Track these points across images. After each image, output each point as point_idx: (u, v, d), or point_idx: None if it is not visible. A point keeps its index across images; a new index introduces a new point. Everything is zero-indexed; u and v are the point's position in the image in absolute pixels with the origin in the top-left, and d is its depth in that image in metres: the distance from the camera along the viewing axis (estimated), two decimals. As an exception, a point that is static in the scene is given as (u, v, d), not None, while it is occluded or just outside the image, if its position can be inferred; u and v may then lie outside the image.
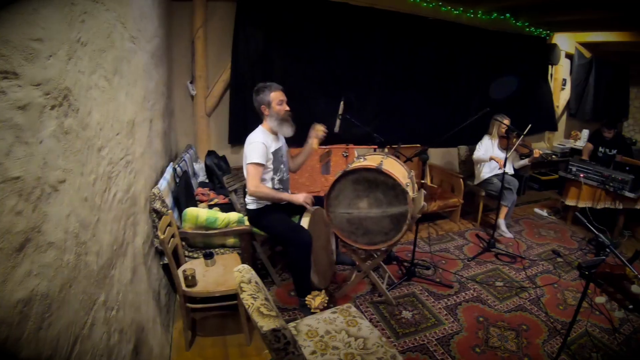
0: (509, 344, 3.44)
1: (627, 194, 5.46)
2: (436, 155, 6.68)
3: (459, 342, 3.39)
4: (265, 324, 1.81)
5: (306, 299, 3.27)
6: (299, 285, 3.49)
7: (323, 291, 3.33)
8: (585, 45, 8.17)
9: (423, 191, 3.58)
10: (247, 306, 1.93)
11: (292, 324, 2.57)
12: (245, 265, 2.24)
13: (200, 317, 3.36)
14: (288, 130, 3.49)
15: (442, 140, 4.42)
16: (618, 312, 1.42)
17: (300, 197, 3.48)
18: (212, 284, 2.98)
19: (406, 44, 5.81)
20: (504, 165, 4.89)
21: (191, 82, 4.76)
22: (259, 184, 3.37)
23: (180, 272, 3.00)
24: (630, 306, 1.34)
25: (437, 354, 3.23)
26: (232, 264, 3.20)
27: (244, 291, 2.02)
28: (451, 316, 3.73)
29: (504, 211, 5.49)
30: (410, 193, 3.22)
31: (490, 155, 5.41)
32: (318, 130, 3.68)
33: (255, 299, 1.98)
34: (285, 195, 3.52)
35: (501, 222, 5.52)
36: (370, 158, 3.40)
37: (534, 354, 3.34)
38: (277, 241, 3.90)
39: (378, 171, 3.11)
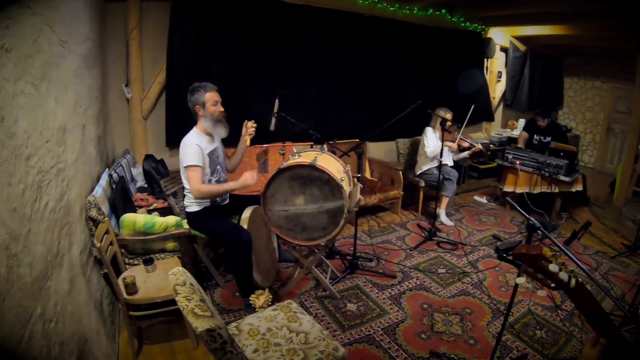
0: (454, 328, 3.54)
1: (562, 178, 5.72)
2: (376, 149, 6.73)
3: (405, 330, 3.46)
4: (200, 325, 1.81)
5: (250, 298, 3.28)
6: (242, 285, 3.47)
7: (267, 290, 3.34)
8: (520, 38, 8.47)
9: (359, 185, 3.63)
10: (181, 308, 1.92)
11: (233, 324, 2.56)
12: (180, 268, 2.22)
13: (146, 325, 3.27)
14: (222, 132, 3.47)
15: (376, 134, 4.47)
16: (541, 292, 1.47)
17: (247, 179, 3.42)
18: (153, 290, 2.93)
19: (343, 41, 5.84)
20: (441, 156, 5.02)
21: (126, 85, 4.65)
22: (201, 186, 3.33)
23: (120, 280, 2.92)
24: (553, 285, 1.39)
25: (383, 343, 3.28)
26: (173, 268, 3.16)
27: (179, 293, 2.00)
28: (396, 305, 3.79)
29: (444, 201, 5.63)
30: (346, 187, 3.25)
31: (445, 143, 5.48)
32: (249, 127, 3.67)
33: (190, 300, 1.96)
34: (230, 184, 3.48)
35: (441, 212, 5.67)
36: (305, 155, 3.42)
37: (479, 336, 3.45)
38: (217, 242, 3.87)
39: (312, 167, 3.12)
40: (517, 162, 6.01)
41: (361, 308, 3.72)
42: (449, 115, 5.37)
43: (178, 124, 4.68)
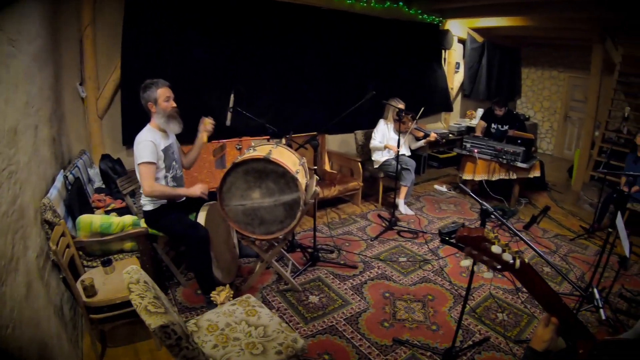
0: (416, 314, 3.59)
1: (520, 164, 5.85)
2: (335, 142, 6.74)
3: (367, 319, 3.49)
4: (153, 321, 1.80)
5: (211, 295, 3.24)
6: (202, 282, 3.45)
7: (227, 286, 3.31)
8: (478, 30, 8.59)
9: (315, 177, 3.64)
10: (135, 306, 1.90)
11: (192, 321, 2.55)
12: (134, 267, 2.19)
13: (109, 327, 3.23)
14: (176, 127, 3.42)
15: (332, 126, 4.50)
16: (487, 274, 1.48)
17: (197, 190, 3.43)
18: (112, 291, 2.88)
19: (300, 34, 5.84)
20: (399, 147, 5.07)
21: (81, 84, 4.55)
22: (153, 184, 3.28)
23: (78, 283, 2.86)
24: (499, 267, 1.40)
25: (346, 333, 3.30)
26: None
27: (132, 292, 1.99)
28: (357, 295, 3.82)
29: (403, 191, 5.70)
30: (302, 179, 3.26)
31: (385, 144, 5.62)
32: (207, 124, 3.65)
33: (143, 297, 1.95)
34: (182, 191, 3.46)
35: (400, 202, 5.72)
36: (260, 148, 3.40)
37: (442, 321, 3.52)
38: (175, 240, 3.83)
39: (266, 160, 3.11)
40: (475, 151, 6.13)
41: (323, 299, 3.74)
42: (401, 106, 5.41)
43: (134, 122, 4.55)
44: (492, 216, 2.61)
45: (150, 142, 3.25)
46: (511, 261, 1.36)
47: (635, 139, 5.83)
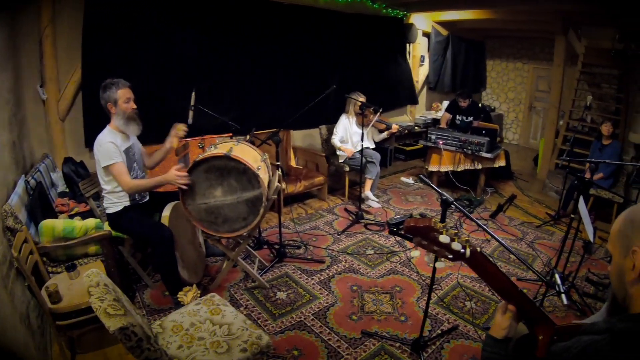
0: (384, 306, 3.62)
1: (484, 154, 5.95)
2: (300, 137, 6.73)
3: (335, 313, 3.51)
4: (112, 324, 1.79)
5: (178, 295, 3.23)
6: (169, 283, 3.42)
7: (194, 286, 3.30)
8: (442, 23, 8.69)
9: (278, 173, 3.63)
10: (95, 309, 1.88)
11: (157, 322, 2.53)
12: (94, 270, 2.16)
13: (78, 333, 3.16)
14: (135, 129, 3.37)
15: (296, 122, 4.49)
16: (439, 263, 1.49)
17: (171, 174, 3.27)
18: (78, 297, 2.83)
19: (263, 30, 5.79)
20: (362, 140, 5.11)
21: (41, 86, 4.45)
22: (129, 180, 3.25)
23: (43, 289, 2.81)
24: (450, 256, 1.40)
25: (315, 328, 3.31)
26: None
27: (92, 295, 1.96)
28: (325, 290, 3.84)
29: (368, 183, 5.74)
30: (264, 176, 3.25)
31: (340, 146, 5.71)
32: (179, 130, 3.61)
33: (103, 300, 1.92)
34: (159, 178, 3.36)
35: (368, 194, 5.75)
36: (221, 146, 3.37)
37: (410, 312, 3.56)
38: (140, 242, 3.78)
39: (227, 158, 3.09)
40: (440, 142, 6.21)
41: (291, 295, 3.74)
42: (361, 99, 5.45)
43: (96, 124, 4.44)
44: (453, 206, 2.64)
45: (111, 144, 3.21)
46: (461, 250, 1.36)
47: (600, 127, 5.98)
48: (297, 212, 5.62)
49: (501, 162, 6.40)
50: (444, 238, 1.34)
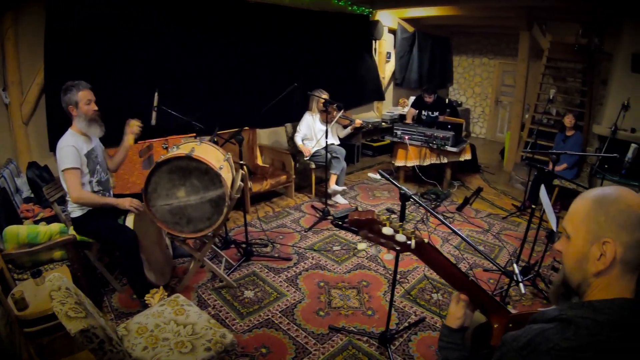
0: (351, 301, 3.66)
1: (450, 148, 6.05)
2: (266, 136, 6.71)
3: (303, 310, 3.53)
4: (73, 326, 1.78)
5: (146, 298, 3.20)
6: (135, 286, 3.40)
7: (161, 288, 3.28)
8: (408, 20, 8.80)
9: (241, 171, 3.64)
10: (56, 313, 1.87)
11: (122, 325, 2.52)
12: (56, 274, 2.16)
13: (48, 340, 3.12)
14: (97, 131, 3.34)
15: (260, 120, 4.51)
16: (387, 255, 1.51)
17: (125, 202, 3.35)
18: (44, 303, 2.79)
19: (228, 29, 5.76)
20: (327, 137, 5.14)
21: (4, 90, 4.38)
22: (81, 191, 3.21)
23: (9, 297, 2.78)
24: (398, 248, 1.43)
25: (282, 325, 3.33)
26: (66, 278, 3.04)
27: (54, 299, 1.96)
28: (292, 287, 3.86)
29: (333, 179, 5.77)
30: (226, 175, 3.26)
31: (299, 145, 5.75)
32: (132, 126, 3.57)
33: (64, 304, 1.92)
34: (110, 200, 3.38)
35: (334, 188, 5.77)
36: (183, 146, 3.37)
37: (377, 306, 3.60)
38: (105, 245, 3.75)
39: (189, 158, 3.09)
40: (406, 138, 6.29)
41: (258, 294, 3.75)
42: (324, 96, 5.49)
43: (60, 127, 4.36)
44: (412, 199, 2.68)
45: (72, 147, 3.17)
46: (408, 242, 1.39)
47: (563, 119, 6.14)
48: (264, 211, 5.62)
49: (467, 156, 6.52)
50: (387, 230, 1.36)
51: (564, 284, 1.28)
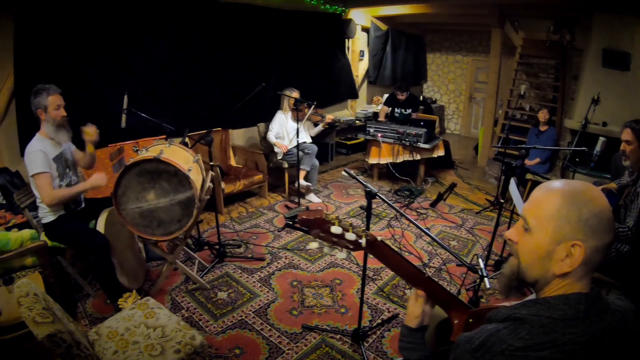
0: (324, 299, 3.69)
1: (422, 145, 6.11)
2: (240, 136, 6.69)
3: (276, 309, 3.55)
4: (40, 332, 1.78)
5: (119, 302, 3.18)
6: (108, 290, 3.38)
7: (134, 291, 3.26)
8: (381, 18, 8.86)
9: (211, 173, 3.63)
10: (24, 319, 1.87)
11: (94, 330, 2.51)
12: (25, 280, 2.15)
13: (28, 346, 3.09)
14: (64, 137, 3.32)
15: (233, 120, 4.49)
16: (340, 254, 1.51)
17: (94, 178, 3.36)
18: (17, 310, 2.77)
19: (200, 30, 5.71)
20: (298, 135, 5.17)
21: (-26, 94, 4.32)
22: (52, 192, 3.19)
23: None
24: (351, 246, 1.44)
25: (256, 325, 3.34)
26: (35, 284, 3.00)
27: (22, 305, 1.96)
28: (266, 287, 3.87)
29: (302, 174, 5.74)
30: (196, 177, 3.26)
31: (275, 142, 5.75)
32: (87, 134, 3.48)
33: (31, 309, 1.92)
34: (80, 185, 3.37)
35: (302, 182, 5.75)
36: (152, 149, 3.35)
37: (350, 304, 3.63)
38: (76, 250, 3.72)
39: (157, 160, 3.08)
40: (379, 135, 6.34)
41: (232, 295, 3.75)
42: (295, 94, 5.52)
43: (31, 132, 4.33)
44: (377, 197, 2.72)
45: (40, 152, 3.15)
46: (359, 240, 1.40)
47: (537, 114, 6.25)
48: (238, 211, 5.60)
49: (440, 152, 6.60)
50: (335, 229, 1.37)
51: (517, 278, 1.23)
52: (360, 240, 1.40)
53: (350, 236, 1.39)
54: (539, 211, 1.14)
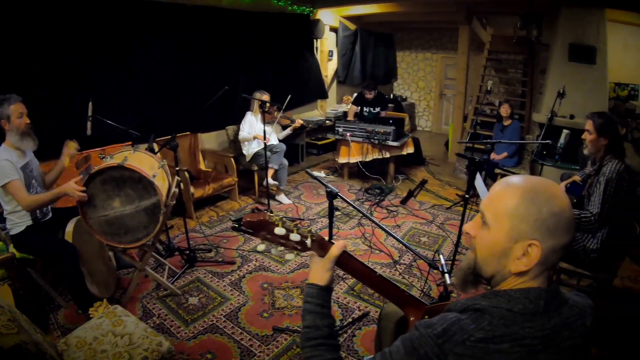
0: (295, 301, 3.71)
1: (391, 143, 6.19)
2: (209, 140, 6.60)
3: (247, 313, 3.55)
4: (5, 343, 1.78)
5: (90, 312, 3.17)
6: (78, 299, 3.35)
7: (105, 300, 3.25)
8: (349, 18, 8.90)
9: (177, 178, 3.63)
10: None
11: (62, 340, 2.50)
12: None
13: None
14: (30, 145, 3.29)
15: (200, 124, 4.46)
16: (289, 255, 1.52)
17: (68, 185, 3.21)
18: None
19: (165, 33, 5.64)
20: (265, 138, 5.17)
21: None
22: (27, 197, 3.16)
23: None
24: (299, 247, 1.45)
25: (227, 329, 3.35)
26: (3, 297, 2.97)
27: None
28: (236, 290, 3.87)
29: (270, 172, 5.70)
30: (161, 182, 3.25)
31: (254, 135, 5.71)
32: (70, 147, 3.53)
33: None
34: (56, 190, 3.28)
35: (269, 180, 5.71)
36: (117, 156, 3.33)
37: (321, 302, 3.64)
38: (45, 261, 3.68)
39: (121, 167, 3.07)
40: (348, 134, 6.40)
41: (203, 300, 3.74)
42: (265, 97, 5.52)
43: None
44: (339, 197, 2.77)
45: (7, 161, 3.12)
46: (300, 240, 1.40)
47: (499, 110, 6.37)
48: (208, 216, 5.58)
49: (409, 150, 6.67)
50: (279, 230, 1.38)
51: (473, 272, 1.22)
52: (306, 241, 1.41)
53: (295, 237, 1.39)
54: (497, 207, 1.12)
